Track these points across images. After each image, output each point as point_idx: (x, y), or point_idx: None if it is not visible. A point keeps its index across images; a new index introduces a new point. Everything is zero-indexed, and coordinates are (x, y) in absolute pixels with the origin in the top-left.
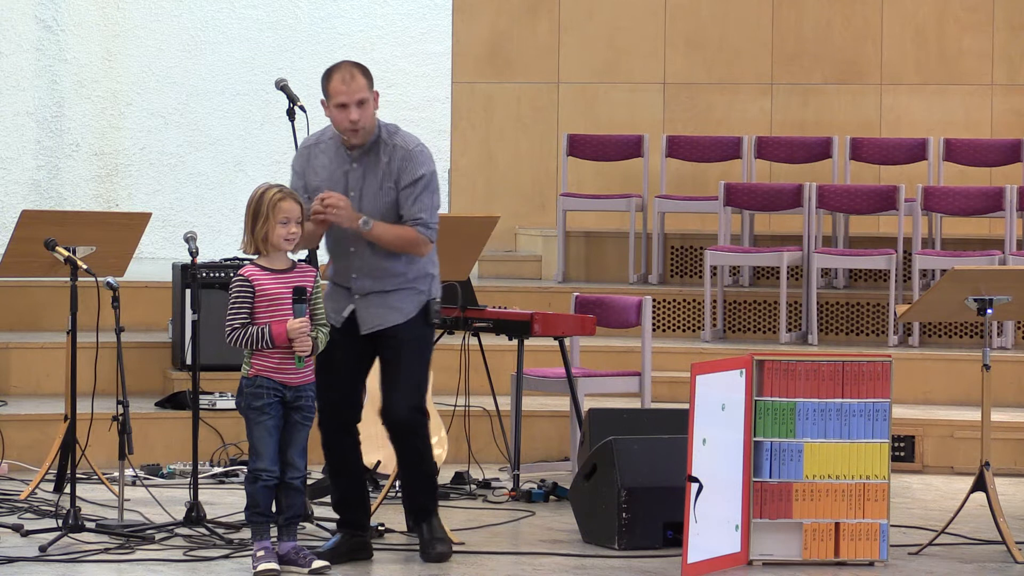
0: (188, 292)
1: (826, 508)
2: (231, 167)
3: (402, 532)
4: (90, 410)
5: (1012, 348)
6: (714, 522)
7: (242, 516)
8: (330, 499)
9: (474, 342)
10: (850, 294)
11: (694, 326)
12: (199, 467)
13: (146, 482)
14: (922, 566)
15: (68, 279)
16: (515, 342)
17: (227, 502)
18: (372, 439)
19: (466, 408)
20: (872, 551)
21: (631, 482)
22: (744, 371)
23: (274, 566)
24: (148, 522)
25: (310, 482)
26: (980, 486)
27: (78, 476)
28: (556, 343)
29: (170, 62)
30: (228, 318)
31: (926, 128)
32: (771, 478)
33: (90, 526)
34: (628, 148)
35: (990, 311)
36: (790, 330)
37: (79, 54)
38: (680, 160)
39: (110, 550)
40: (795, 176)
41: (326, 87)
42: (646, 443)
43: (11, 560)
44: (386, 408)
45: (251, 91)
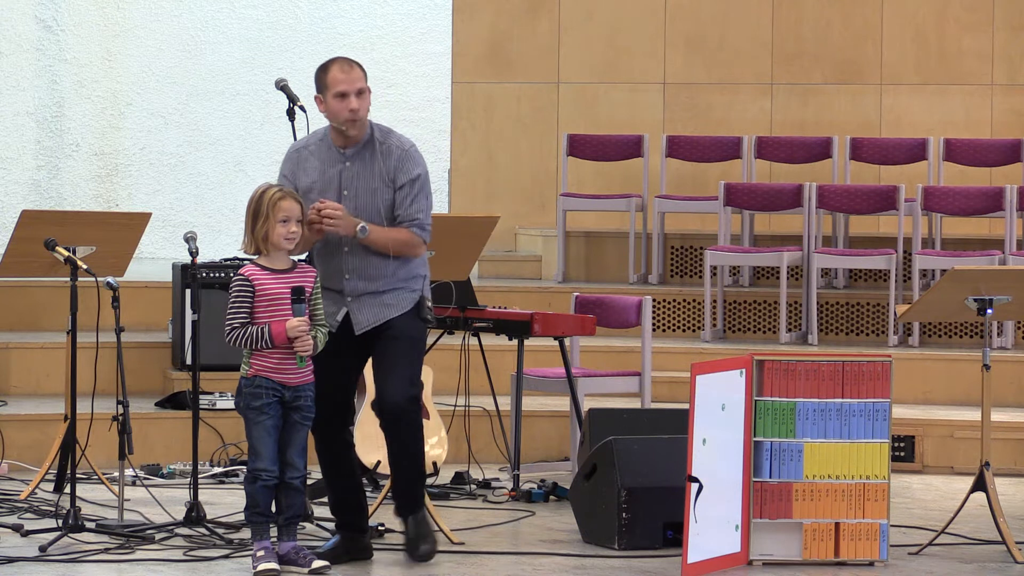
0: (188, 292)
1: (826, 508)
2: (231, 167)
3: (402, 532)
4: (90, 410)
5: (1012, 348)
6: (714, 522)
7: (242, 516)
8: (328, 502)
9: (474, 342)
10: (850, 294)
11: (694, 326)
12: (199, 467)
13: (146, 482)
14: (922, 566)
15: (68, 279)
16: (515, 342)
17: (227, 502)
18: (372, 439)
19: (466, 408)
20: (872, 551)
21: (631, 482)
22: (744, 371)
23: (274, 566)
24: (148, 522)
25: (310, 482)
26: (980, 486)
27: (78, 476)
28: (556, 343)
29: (170, 62)
30: (228, 317)
31: (926, 128)
32: (771, 478)
33: (90, 526)
34: (628, 148)
35: (990, 311)
36: (790, 330)
37: (79, 54)
38: (680, 160)
39: (110, 550)
40: (795, 176)
41: (323, 78)
42: (646, 443)
43: (11, 560)
44: (380, 396)
45: (251, 91)
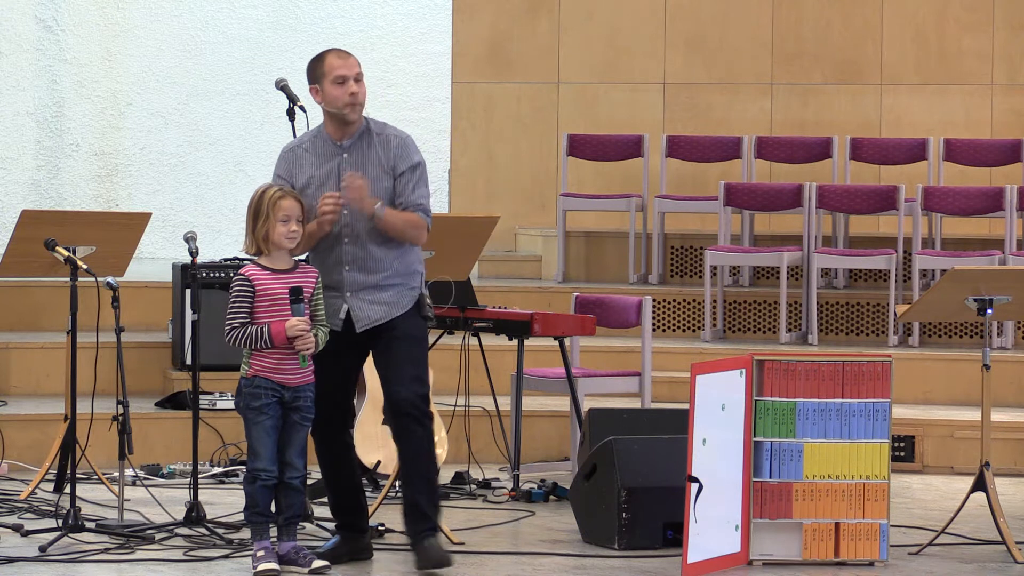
0: (188, 292)
1: (826, 508)
2: (231, 167)
3: (402, 532)
4: (90, 410)
5: (1012, 348)
6: (714, 522)
7: (242, 516)
8: (328, 503)
9: (474, 342)
10: (850, 294)
11: (694, 326)
12: (199, 467)
13: (146, 482)
14: (922, 566)
15: (68, 279)
16: (515, 342)
17: (227, 502)
18: (372, 439)
19: (466, 408)
20: (872, 551)
21: (631, 482)
22: (744, 371)
23: (274, 566)
24: (148, 522)
25: (310, 482)
26: (980, 486)
27: (78, 476)
28: (556, 343)
29: (170, 62)
30: (228, 317)
31: (926, 128)
32: (771, 478)
33: (90, 526)
34: (628, 148)
35: (990, 311)
36: (790, 330)
37: (79, 54)
38: (680, 160)
39: (110, 550)
40: (795, 176)
41: (319, 67)
42: (646, 443)
43: (11, 560)
44: (389, 398)
45: (251, 91)
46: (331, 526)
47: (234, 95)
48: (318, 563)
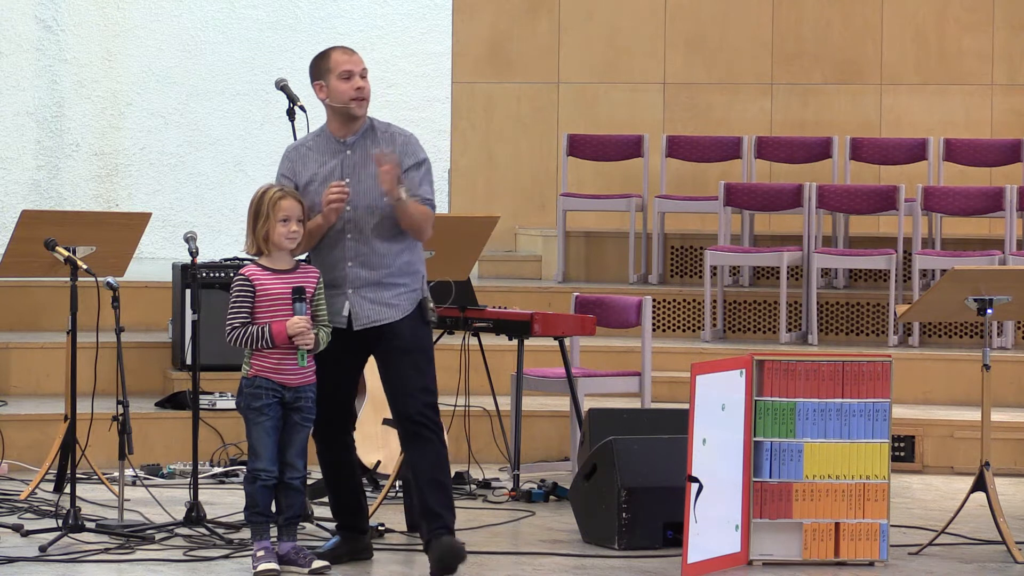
0: (188, 292)
1: (826, 508)
2: (231, 167)
3: (402, 532)
4: (90, 410)
5: (1012, 348)
6: (714, 522)
7: (242, 516)
8: (328, 503)
9: (474, 342)
10: (850, 294)
11: (694, 326)
12: (199, 467)
13: (146, 482)
14: (922, 566)
15: (68, 279)
16: (515, 342)
17: (227, 502)
18: (372, 439)
19: (466, 408)
20: (872, 551)
21: (631, 482)
22: (744, 371)
23: (274, 566)
24: (148, 522)
25: (310, 482)
26: (980, 486)
27: (78, 476)
28: (556, 343)
29: (170, 62)
30: (229, 317)
31: (926, 128)
32: (771, 478)
33: (90, 526)
34: (628, 148)
35: (990, 311)
36: (790, 330)
37: (79, 54)
38: (680, 160)
39: (110, 550)
40: (795, 176)
41: (323, 64)
42: (646, 443)
43: (11, 560)
44: (396, 410)
45: (251, 91)
46: (331, 526)
47: (234, 95)
48: (318, 563)
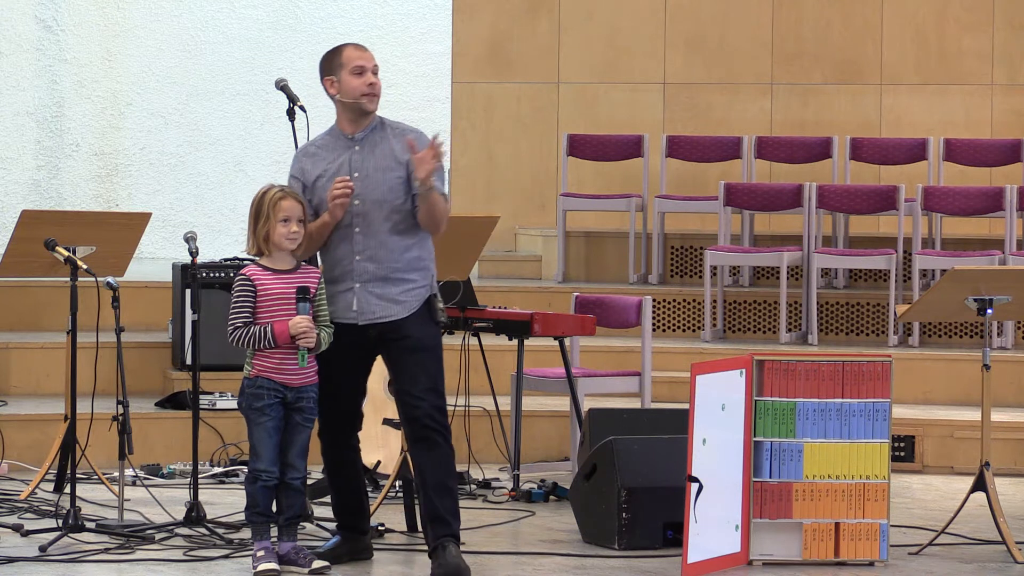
0: (188, 292)
1: (826, 508)
2: (231, 167)
3: (402, 532)
4: (90, 410)
5: (1012, 348)
6: (714, 522)
7: (242, 516)
8: (330, 503)
9: (474, 342)
10: (850, 294)
11: (694, 326)
12: (199, 467)
13: (146, 482)
14: (922, 566)
15: (68, 279)
16: (515, 342)
17: (227, 502)
18: (372, 439)
19: (466, 408)
20: (872, 551)
21: (631, 482)
22: (744, 371)
23: (274, 566)
24: (148, 522)
25: (310, 482)
26: (980, 486)
27: (78, 476)
28: (556, 343)
29: (170, 62)
30: (230, 318)
31: (926, 128)
32: (771, 478)
33: (90, 526)
34: (628, 148)
35: (990, 311)
36: (790, 330)
37: (79, 54)
38: (680, 160)
39: (110, 550)
40: (795, 176)
41: (335, 59)
42: (646, 443)
43: (11, 560)
44: (405, 413)
45: (251, 91)
46: (331, 526)
47: (234, 95)
48: (318, 563)
